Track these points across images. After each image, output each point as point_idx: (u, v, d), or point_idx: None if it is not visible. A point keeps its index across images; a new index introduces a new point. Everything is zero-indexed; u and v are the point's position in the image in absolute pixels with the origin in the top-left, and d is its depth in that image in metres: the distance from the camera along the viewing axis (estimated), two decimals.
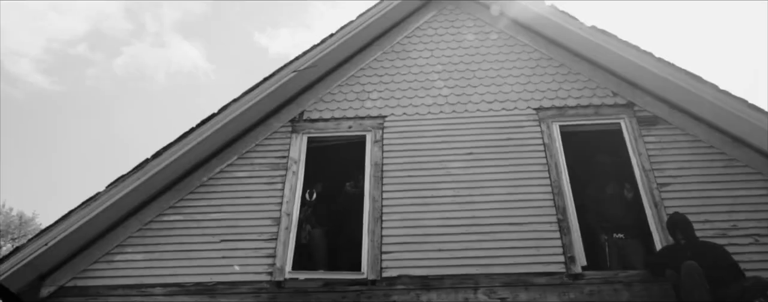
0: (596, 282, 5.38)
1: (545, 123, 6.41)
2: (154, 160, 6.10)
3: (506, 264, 5.53)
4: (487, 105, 6.63)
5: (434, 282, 5.48)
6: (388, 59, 7.18)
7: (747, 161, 5.88)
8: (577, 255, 5.55)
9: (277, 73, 6.67)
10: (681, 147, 6.08)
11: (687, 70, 6.07)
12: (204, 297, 5.57)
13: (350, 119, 6.71)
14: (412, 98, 6.80)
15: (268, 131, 6.67)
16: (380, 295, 5.46)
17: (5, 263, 5.56)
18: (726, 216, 5.60)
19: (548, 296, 5.32)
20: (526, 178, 6.04)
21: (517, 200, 5.91)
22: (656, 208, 5.74)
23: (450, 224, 5.82)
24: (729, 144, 5.99)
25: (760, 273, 5.02)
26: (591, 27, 6.53)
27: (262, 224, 6.00)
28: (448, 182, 6.10)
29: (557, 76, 6.77)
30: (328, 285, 5.57)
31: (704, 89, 5.95)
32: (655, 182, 5.88)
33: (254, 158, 6.49)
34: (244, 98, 6.48)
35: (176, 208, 6.19)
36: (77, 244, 5.88)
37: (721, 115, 5.93)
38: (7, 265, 5.56)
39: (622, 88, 6.55)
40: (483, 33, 7.28)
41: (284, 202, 6.12)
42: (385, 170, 6.25)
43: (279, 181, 6.28)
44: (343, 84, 7.01)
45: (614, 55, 6.41)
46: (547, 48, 6.98)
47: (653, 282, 5.28)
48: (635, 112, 6.37)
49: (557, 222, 5.74)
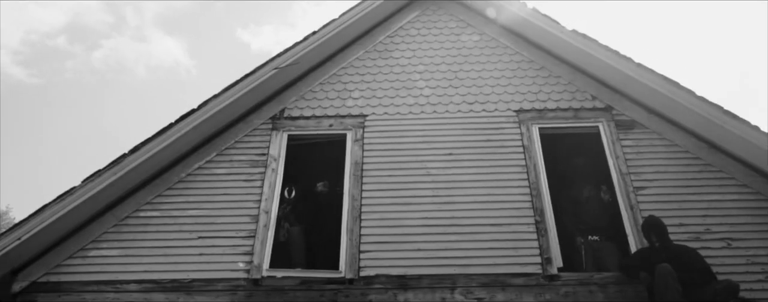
0: (572, 284, 5.43)
1: (525, 125, 6.46)
2: (132, 155, 6.04)
3: (484, 265, 5.57)
4: (468, 106, 6.66)
5: (412, 281, 5.49)
6: (371, 58, 7.18)
7: (721, 166, 5.98)
8: (554, 256, 5.60)
9: (258, 69, 6.63)
10: (657, 151, 6.17)
11: (665, 76, 6.16)
12: (180, 294, 5.53)
13: (331, 117, 6.70)
14: (394, 97, 6.80)
15: (248, 128, 6.63)
16: (357, 294, 5.46)
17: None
18: (700, 220, 5.69)
19: (524, 296, 5.36)
20: (505, 179, 6.08)
21: (495, 201, 5.95)
22: (632, 211, 5.82)
23: (429, 224, 5.84)
24: (704, 149, 6.10)
25: (732, 276, 5.11)
26: (572, 31, 6.59)
27: (240, 221, 5.96)
28: (427, 182, 6.12)
29: (538, 78, 6.83)
30: (306, 284, 5.56)
31: (681, 95, 6.04)
32: (631, 186, 5.96)
33: (234, 155, 6.45)
34: (225, 95, 6.44)
35: (153, 204, 6.12)
36: (51, 239, 5.79)
37: (697, 120, 6.03)
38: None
39: (601, 92, 6.62)
40: (465, 34, 7.31)
41: (263, 199, 6.09)
42: (365, 169, 6.25)
43: (258, 178, 6.25)
44: (325, 82, 7.00)
45: (594, 59, 6.49)
46: (528, 50, 7.04)
47: (628, 284, 5.35)
48: (613, 116, 6.45)
49: (535, 224, 5.79)
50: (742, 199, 5.79)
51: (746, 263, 5.41)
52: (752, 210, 5.72)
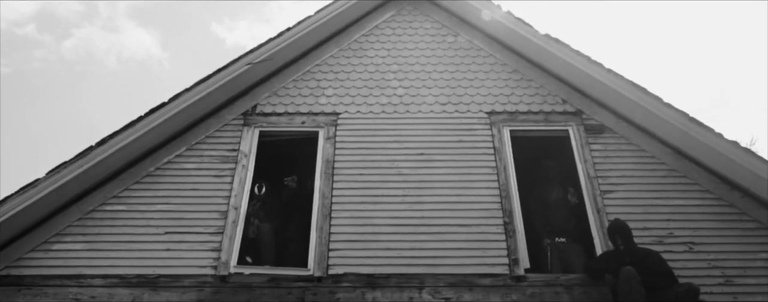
0: (538, 285, 5.50)
1: (496, 127, 6.51)
2: (99, 148, 5.94)
3: (452, 265, 5.60)
4: (440, 107, 6.70)
5: (380, 280, 5.50)
6: (345, 57, 7.17)
7: (685, 172, 6.12)
8: (521, 257, 5.66)
9: (231, 64, 6.58)
10: (624, 156, 6.28)
11: (633, 82, 6.27)
12: (145, 289, 5.45)
13: (304, 114, 6.68)
14: (367, 96, 6.80)
15: (219, 123, 6.57)
16: (325, 292, 5.45)
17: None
18: (663, 224, 5.80)
19: (491, 297, 5.41)
20: (475, 180, 6.13)
21: (465, 201, 5.99)
22: (598, 214, 5.91)
23: (399, 223, 5.86)
24: (669, 155, 6.22)
25: (693, 279, 5.23)
26: (545, 35, 6.67)
27: (209, 217, 5.91)
28: (398, 181, 6.14)
29: (510, 81, 6.89)
30: (274, 281, 5.52)
31: (649, 101, 6.16)
32: (598, 189, 6.05)
33: (204, 150, 6.38)
34: (197, 89, 6.37)
35: (120, 198, 6.03)
36: (12, 232, 5.66)
37: (663, 126, 6.15)
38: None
39: (572, 96, 6.71)
40: (440, 35, 7.35)
41: (233, 195, 6.04)
42: (336, 167, 6.24)
43: (228, 174, 6.20)
44: (299, 79, 6.97)
45: (566, 63, 6.57)
46: (501, 53, 7.10)
47: (593, 286, 5.43)
48: (583, 120, 6.54)
49: (503, 225, 5.85)
50: (705, 204, 5.93)
51: (707, 266, 5.54)
52: (714, 215, 5.85)
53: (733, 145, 5.85)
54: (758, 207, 5.84)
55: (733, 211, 5.87)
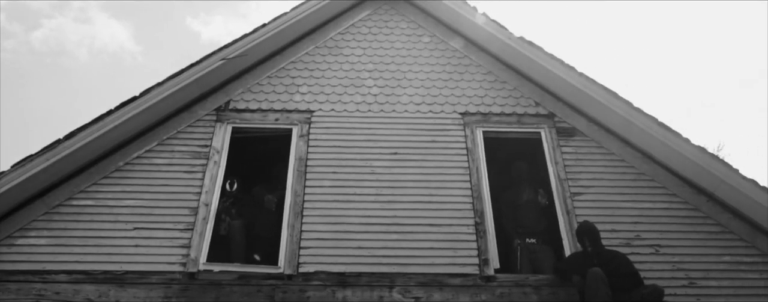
0: (507, 285, 5.55)
1: (470, 128, 6.56)
2: (67, 141, 5.83)
3: (423, 264, 5.62)
4: (414, 107, 6.71)
5: (351, 279, 5.50)
6: (320, 54, 7.15)
7: (653, 176, 6.23)
8: (491, 257, 5.71)
9: (205, 59, 6.51)
10: (595, 159, 6.37)
11: (605, 86, 6.37)
12: (111, 286, 5.37)
13: (277, 111, 6.64)
14: (342, 94, 6.79)
15: (191, 119, 6.50)
16: (296, 290, 5.42)
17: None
18: (631, 227, 5.90)
19: (461, 297, 5.44)
20: (447, 181, 6.16)
21: (437, 201, 6.02)
22: (568, 216, 5.99)
23: (371, 222, 5.86)
24: (638, 159, 6.33)
25: (658, 281, 5.33)
26: (519, 37, 6.73)
27: (179, 213, 5.84)
28: (371, 180, 6.14)
29: (484, 83, 6.94)
30: (243, 279, 5.48)
31: (619, 105, 6.26)
32: (568, 191, 6.13)
33: (175, 145, 6.31)
34: (169, 83, 6.29)
35: (88, 192, 5.93)
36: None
37: (633, 130, 6.26)
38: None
39: (544, 99, 6.79)
40: (416, 35, 7.37)
41: (204, 192, 5.98)
42: (309, 165, 6.22)
43: (199, 170, 6.14)
44: (273, 76, 6.92)
45: (539, 66, 6.64)
46: (476, 55, 7.14)
47: (561, 287, 5.50)
48: (555, 122, 6.62)
49: (474, 225, 5.89)
50: (671, 208, 6.04)
51: (672, 269, 5.65)
52: (680, 219, 5.97)
53: (699, 150, 5.98)
54: (722, 211, 5.97)
55: (698, 215, 6.00)
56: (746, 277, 5.63)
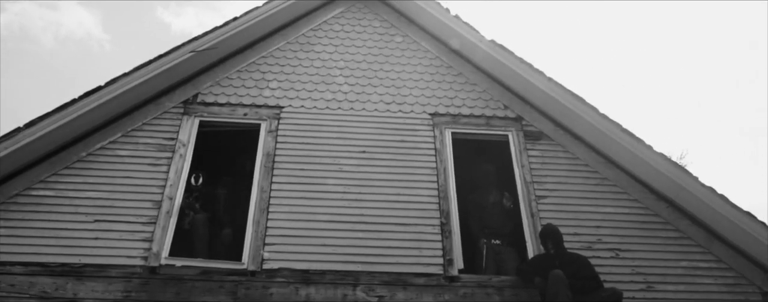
0: (471, 285, 5.59)
1: (439, 129, 6.59)
2: (27, 130, 5.68)
3: (388, 263, 5.63)
4: (385, 106, 6.72)
5: (315, 276, 5.48)
6: (292, 50, 7.11)
7: (616, 181, 6.35)
8: (456, 258, 5.75)
9: (174, 51, 6.42)
10: (560, 163, 6.47)
11: (572, 92, 6.47)
12: (69, 279, 5.25)
13: (246, 106, 6.58)
14: (312, 91, 6.76)
15: (158, 111, 6.39)
16: (259, 287, 5.38)
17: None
18: (593, 230, 6.01)
19: (424, 296, 5.47)
20: (415, 180, 6.18)
21: (404, 201, 6.04)
22: (532, 218, 6.06)
23: (337, 220, 5.85)
24: (602, 164, 6.45)
25: (618, 284, 5.44)
26: (490, 41, 6.79)
27: (142, 206, 5.74)
28: (339, 178, 6.13)
29: (455, 84, 6.99)
30: (206, 274, 5.42)
31: (585, 110, 6.37)
32: (533, 194, 6.21)
33: (140, 137, 6.20)
34: (136, 74, 6.18)
35: (47, 183, 5.79)
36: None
37: (598, 136, 6.37)
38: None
39: (513, 102, 6.86)
40: (388, 35, 7.37)
41: (168, 185, 5.90)
42: (276, 161, 6.18)
43: (164, 163, 6.05)
44: (243, 70, 6.86)
45: (509, 70, 6.71)
46: (447, 56, 7.19)
47: (523, 288, 5.56)
48: (523, 126, 6.70)
49: (440, 226, 5.92)
50: (632, 213, 6.17)
51: (631, 273, 5.77)
52: (640, 224, 6.10)
53: (661, 157, 6.12)
54: (681, 217, 6.12)
55: (658, 220, 6.14)
56: (702, 282, 5.78)
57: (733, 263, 5.90)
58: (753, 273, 5.85)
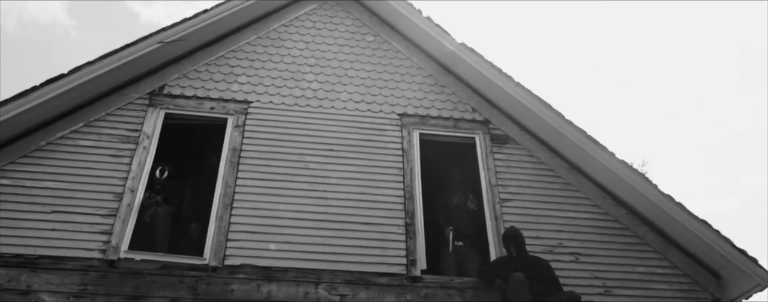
0: (433, 286, 5.63)
1: (407, 129, 6.61)
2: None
3: (351, 262, 5.63)
4: (354, 104, 6.72)
5: (277, 273, 5.45)
6: (262, 45, 7.05)
7: (579, 187, 6.46)
8: (419, 258, 5.78)
9: (141, 41, 6.30)
10: (525, 167, 6.55)
11: (539, 97, 6.56)
12: (24, 270, 5.11)
13: (214, 100, 6.50)
14: (281, 87, 6.72)
15: (122, 101, 6.27)
16: (220, 283, 5.32)
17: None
18: (554, 234, 6.10)
19: (386, 296, 5.48)
20: (381, 180, 6.19)
21: (369, 200, 6.04)
22: (496, 221, 6.13)
23: (301, 217, 5.82)
24: (566, 169, 6.55)
25: (576, 288, 5.53)
26: (461, 44, 6.84)
27: (102, 198, 5.63)
28: (305, 175, 6.10)
29: (424, 86, 7.02)
30: (166, 269, 5.34)
31: (551, 116, 6.46)
32: (498, 197, 6.28)
33: (103, 127, 6.08)
34: (101, 63, 6.05)
35: (4, 171, 5.62)
36: None
37: (562, 141, 6.48)
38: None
39: (481, 105, 6.93)
40: (360, 34, 7.37)
41: (130, 177, 5.79)
42: (242, 157, 6.12)
43: (127, 155, 5.94)
44: (212, 63, 6.77)
45: (478, 73, 6.78)
46: (418, 57, 7.22)
47: (484, 290, 5.62)
48: (490, 129, 6.77)
49: (405, 226, 5.94)
50: (593, 218, 6.29)
51: (590, 277, 5.87)
52: (600, 229, 6.22)
53: (622, 164, 6.25)
54: (640, 224, 6.26)
55: (618, 226, 6.26)
56: (658, 287, 5.92)
57: (688, 269, 6.06)
58: (706, 280, 6.02)
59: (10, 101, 5.63)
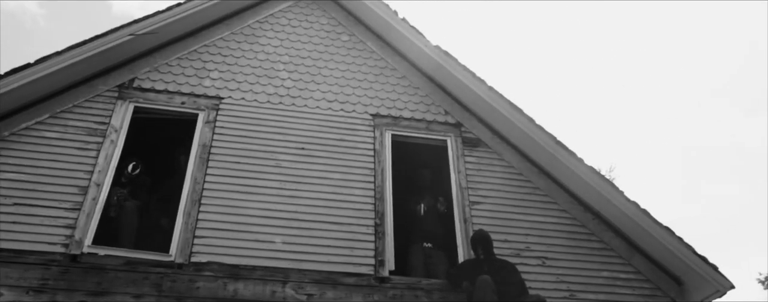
0: (400, 287, 5.64)
1: (379, 130, 6.62)
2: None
3: (319, 262, 5.61)
4: (327, 104, 6.70)
5: (244, 272, 5.40)
6: (236, 41, 6.98)
7: (547, 191, 6.54)
8: (388, 259, 5.78)
9: (112, 32, 6.19)
10: (495, 171, 6.61)
11: (511, 102, 6.62)
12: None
13: (185, 94, 6.42)
14: (254, 84, 6.66)
15: (90, 93, 6.15)
16: (185, 280, 5.26)
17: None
18: (522, 238, 6.17)
19: (354, 296, 5.48)
20: (352, 180, 6.19)
21: (340, 200, 6.03)
22: (465, 223, 6.17)
23: (271, 216, 5.78)
24: (535, 174, 6.63)
25: (541, 291, 5.62)
26: (435, 46, 6.87)
27: (67, 191, 5.51)
28: (276, 173, 6.06)
29: (398, 87, 7.03)
30: (130, 264, 5.25)
31: (522, 120, 6.53)
32: (468, 200, 6.32)
33: (69, 119, 5.95)
34: (69, 53, 5.92)
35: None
36: None
37: (533, 146, 6.55)
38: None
39: (454, 108, 6.97)
40: (335, 33, 7.35)
41: (96, 171, 5.68)
42: (212, 153, 6.05)
43: (94, 148, 5.83)
44: (184, 58, 6.69)
45: (452, 76, 6.81)
46: (392, 58, 7.22)
47: (451, 292, 5.65)
48: (462, 132, 6.81)
49: (374, 226, 5.95)
50: (560, 223, 6.37)
51: (556, 281, 5.95)
52: (567, 234, 6.30)
53: (590, 170, 6.34)
54: (605, 229, 6.37)
55: (584, 231, 6.36)
56: (621, 293, 6.02)
57: (651, 275, 6.18)
58: (668, 286, 6.14)
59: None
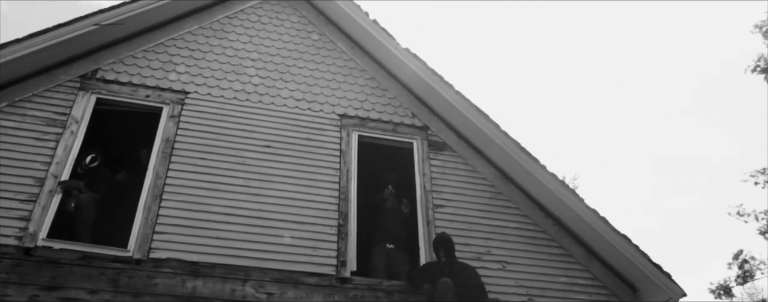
0: (361, 288, 5.64)
1: (346, 130, 6.61)
2: None
3: (281, 261, 5.58)
4: (294, 102, 6.66)
5: (204, 269, 5.33)
6: (204, 35, 6.90)
7: (510, 196, 6.62)
8: (350, 260, 5.78)
9: (76, 22, 6.06)
10: (459, 175, 6.67)
11: (478, 107, 6.69)
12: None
13: (150, 87, 6.31)
14: (221, 79, 6.59)
15: (51, 83, 6.00)
16: (143, 276, 5.16)
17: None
18: (483, 242, 6.23)
19: (315, 296, 5.46)
20: (317, 180, 6.17)
21: (304, 199, 6.00)
22: (428, 226, 6.21)
23: (234, 213, 5.73)
24: (498, 179, 6.71)
25: (501, 295, 5.72)
26: (405, 49, 6.90)
27: (22, 183, 5.37)
28: (240, 171, 6.01)
29: (366, 88, 7.04)
30: (87, 259, 5.14)
31: (488, 126, 6.61)
32: (431, 203, 6.36)
33: (28, 109, 5.80)
34: (29, 41, 5.77)
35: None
36: None
37: (497, 151, 6.64)
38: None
39: (421, 111, 7.00)
40: (305, 31, 7.32)
41: (54, 162, 5.55)
42: (176, 148, 5.96)
43: (53, 139, 5.69)
44: (150, 50, 6.58)
45: (420, 79, 6.85)
46: (362, 59, 7.23)
47: (412, 293, 5.68)
48: (428, 135, 6.85)
49: (337, 226, 5.94)
50: (521, 228, 6.46)
51: (515, 285, 6.03)
52: (528, 239, 6.40)
53: (552, 176, 6.45)
54: (565, 235, 6.48)
55: (545, 237, 6.46)
56: (578, 298, 6.14)
57: (607, 281, 6.31)
58: (623, 292, 6.28)
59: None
